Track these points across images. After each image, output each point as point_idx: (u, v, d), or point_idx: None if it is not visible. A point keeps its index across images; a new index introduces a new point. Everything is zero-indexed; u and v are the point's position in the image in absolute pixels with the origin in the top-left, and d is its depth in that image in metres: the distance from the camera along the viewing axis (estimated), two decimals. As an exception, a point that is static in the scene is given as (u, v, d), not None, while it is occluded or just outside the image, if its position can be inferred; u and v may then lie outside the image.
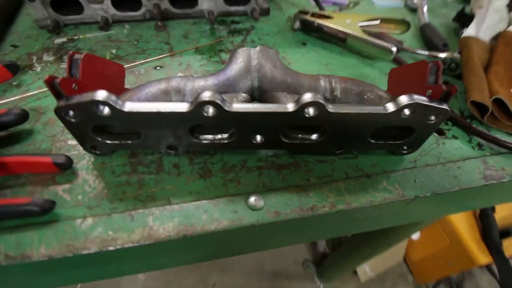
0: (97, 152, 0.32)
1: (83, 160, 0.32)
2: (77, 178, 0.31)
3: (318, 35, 0.52)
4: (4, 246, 0.26)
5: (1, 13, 0.47)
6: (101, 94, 0.25)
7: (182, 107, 0.27)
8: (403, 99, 0.28)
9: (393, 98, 0.28)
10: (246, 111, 0.27)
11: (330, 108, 0.28)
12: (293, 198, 0.31)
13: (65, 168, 0.30)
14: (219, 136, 0.32)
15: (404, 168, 0.34)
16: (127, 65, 0.43)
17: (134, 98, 0.30)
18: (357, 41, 0.48)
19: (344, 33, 0.48)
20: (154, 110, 0.27)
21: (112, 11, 0.49)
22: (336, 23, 0.49)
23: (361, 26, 0.48)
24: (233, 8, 0.54)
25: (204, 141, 0.31)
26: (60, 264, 0.27)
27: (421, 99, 0.28)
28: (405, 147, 0.34)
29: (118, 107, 0.26)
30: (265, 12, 0.56)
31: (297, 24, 0.52)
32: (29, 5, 0.45)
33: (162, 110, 0.27)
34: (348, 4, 0.61)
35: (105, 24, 0.49)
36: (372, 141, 0.32)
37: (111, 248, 0.26)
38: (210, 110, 0.27)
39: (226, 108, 0.27)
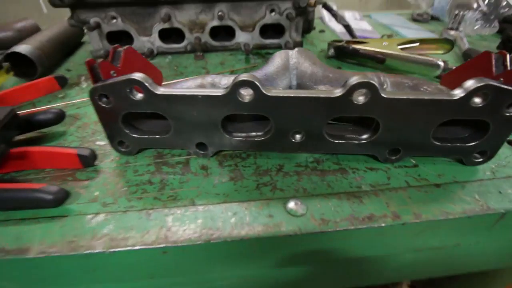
0: (123, 149, 0.30)
1: (108, 159, 0.30)
2: (97, 176, 0.28)
3: (354, 60, 0.51)
4: (3, 238, 0.22)
5: (65, 47, 0.53)
6: (138, 75, 0.25)
7: (218, 91, 0.25)
8: (472, 83, 0.23)
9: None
10: (286, 95, 0.24)
11: (384, 92, 0.24)
12: (343, 205, 0.25)
13: (88, 163, 0.28)
14: (253, 134, 0.29)
15: (480, 179, 0.27)
16: (165, 82, 0.44)
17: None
18: (397, 61, 0.46)
19: (382, 53, 0.46)
20: (188, 93, 0.25)
21: (158, 43, 0.54)
22: (373, 46, 0.48)
23: (399, 48, 0.47)
24: (268, 41, 0.57)
25: (237, 138, 0.28)
26: (53, 271, 0.23)
27: (494, 81, 0.23)
28: (477, 155, 0.28)
29: (152, 89, 0.25)
30: (298, 45, 0.57)
31: (331, 51, 0.52)
32: (88, 35, 0.50)
33: (197, 93, 0.25)
34: (382, 37, 0.62)
35: (150, 54, 0.53)
36: (436, 142, 0.27)
37: (119, 250, 0.22)
38: (247, 96, 0.25)
39: (264, 91, 0.24)
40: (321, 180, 0.27)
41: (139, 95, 0.26)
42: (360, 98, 0.24)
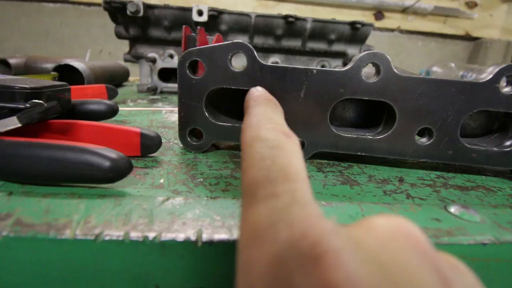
0: (194, 142, 0.23)
1: (169, 153, 0.23)
2: (159, 166, 0.21)
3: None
4: (23, 209, 0.13)
5: (113, 79, 0.53)
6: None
7: (339, 69, 0.21)
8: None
9: None
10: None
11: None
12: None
13: (150, 148, 0.21)
14: (364, 132, 0.23)
15: None
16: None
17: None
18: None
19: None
20: (301, 67, 0.21)
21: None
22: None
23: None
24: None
25: (346, 135, 0.22)
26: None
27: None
28: None
29: (259, 58, 0.21)
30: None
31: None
32: (140, 69, 0.50)
33: (312, 67, 0.21)
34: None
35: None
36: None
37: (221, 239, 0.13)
38: (369, 77, 0.21)
39: (395, 69, 0.20)
40: (464, 194, 0.20)
41: (239, 65, 0.22)
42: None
